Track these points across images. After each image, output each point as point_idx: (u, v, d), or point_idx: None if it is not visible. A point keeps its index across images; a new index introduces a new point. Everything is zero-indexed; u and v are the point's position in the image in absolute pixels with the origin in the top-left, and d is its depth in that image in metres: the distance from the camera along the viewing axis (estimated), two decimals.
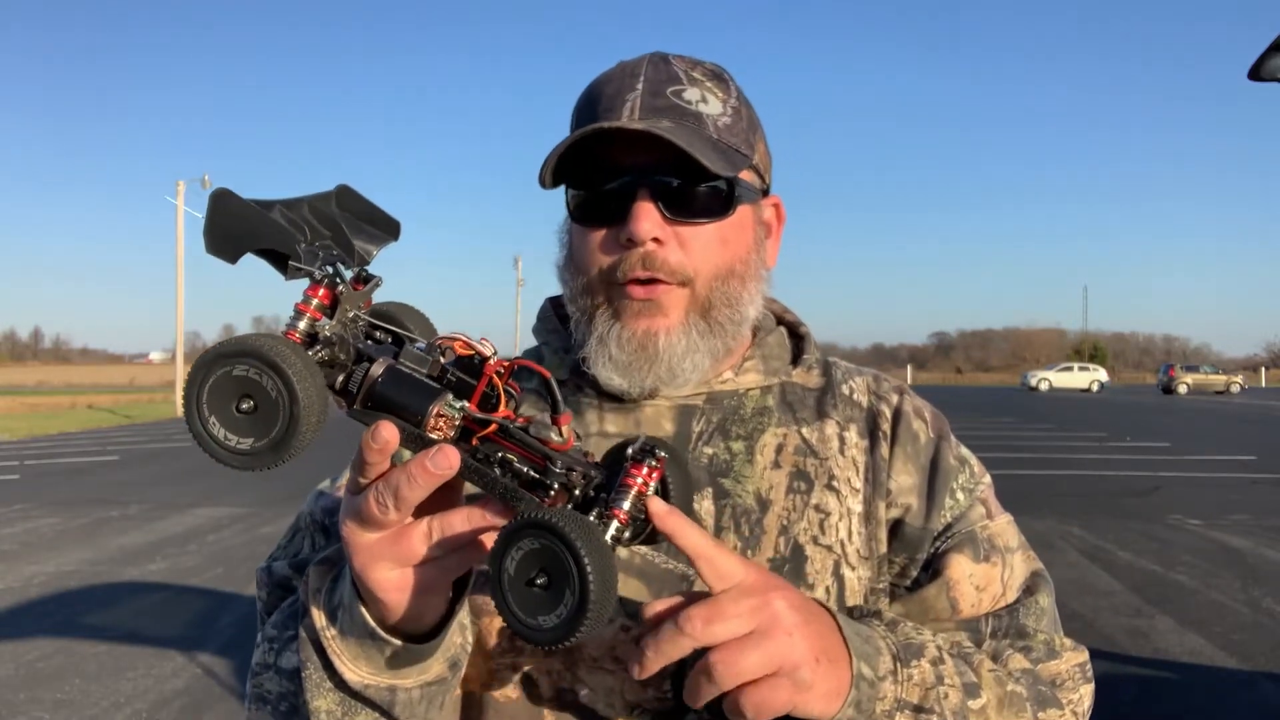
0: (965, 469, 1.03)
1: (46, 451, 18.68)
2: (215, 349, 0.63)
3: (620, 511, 0.68)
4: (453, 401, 0.68)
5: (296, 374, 0.61)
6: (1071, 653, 0.95)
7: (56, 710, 4.80)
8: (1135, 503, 10.96)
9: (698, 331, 0.95)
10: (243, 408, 0.62)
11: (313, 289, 0.68)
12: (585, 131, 0.91)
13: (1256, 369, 75.11)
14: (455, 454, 0.66)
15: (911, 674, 0.80)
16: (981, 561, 0.97)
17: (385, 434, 0.66)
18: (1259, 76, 2.01)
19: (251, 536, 9.15)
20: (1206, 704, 4.78)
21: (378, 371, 0.68)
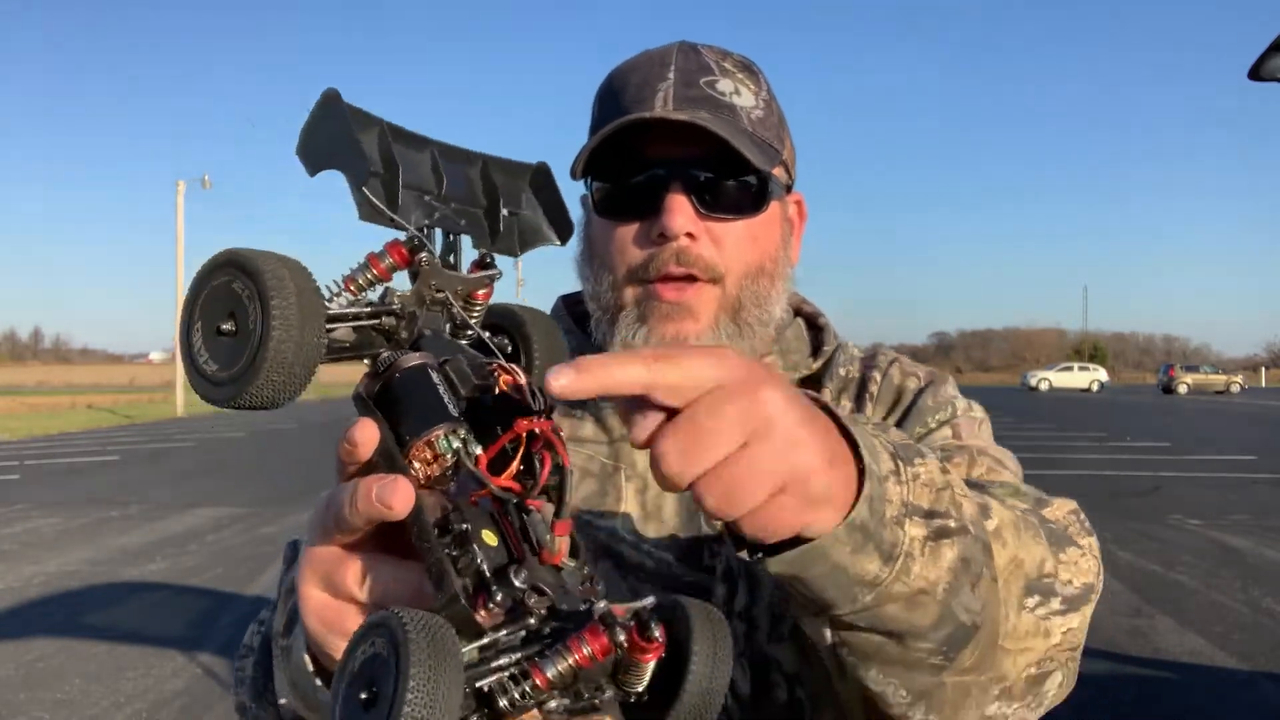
0: (945, 409, 0.96)
1: (46, 451, 18.67)
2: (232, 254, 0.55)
3: (540, 674, 0.50)
4: (455, 437, 0.55)
5: (282, 319, 0.51)
6: (1061, 501, 0.83)
7: (56, 710, 4.80)
8: (1135, 503, 10.96)
9: (727, 335, 0.92)
10: (224, 328, 0.54)
11: (392, 246, 0.59)
12: (625, 122, 0.88)
13: (1256, 369, 75.16)
14: (405, 495, 0.53)
15: (917, 472, 0.64)
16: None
17: (359, 435, 0.55)
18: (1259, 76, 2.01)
19: (251, 536, 9.14)
20: (1206, 704, 4.78)
21: (405, 365, 0.57)
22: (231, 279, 0.54)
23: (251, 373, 0.52)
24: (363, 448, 0.56)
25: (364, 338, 0.59)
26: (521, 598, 0.51)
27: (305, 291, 0.53)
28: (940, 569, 0.63)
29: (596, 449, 0.98)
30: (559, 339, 0.66)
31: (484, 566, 0.51)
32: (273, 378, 0.52)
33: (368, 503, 0.53)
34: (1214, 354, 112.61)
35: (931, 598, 0.64)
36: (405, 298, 0.60)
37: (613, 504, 0.95)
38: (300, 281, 0.53)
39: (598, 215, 0.96)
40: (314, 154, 0.61)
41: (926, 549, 0.63)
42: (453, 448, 0.55)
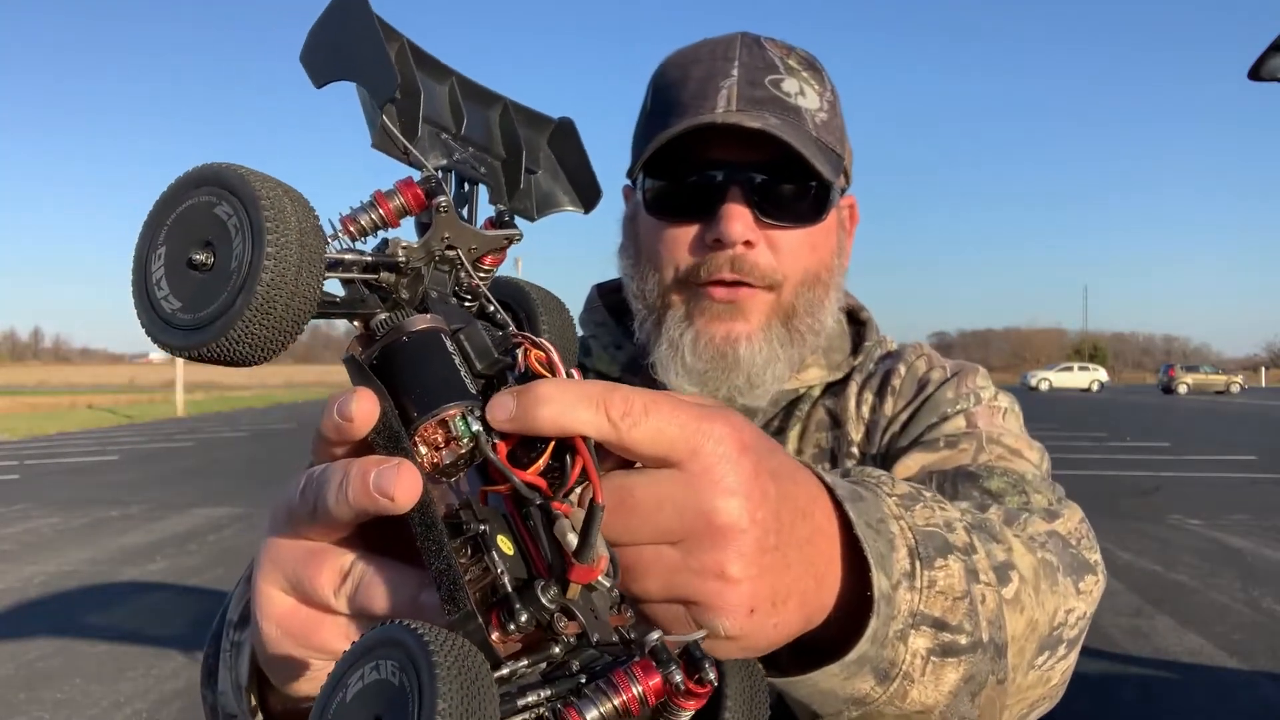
0: (967, 399, 0.91)
1: (46, 451, 18.66)
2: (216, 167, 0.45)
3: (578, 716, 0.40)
4: (474, 419, 0.45)
5: (278, 253, 0.41)
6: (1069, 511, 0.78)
7: (56, 710, 4.80)
8: (1135, 503, 10.95)
9: (779, 340, 0.89)
10: (197, 258, 0.43)
11: (405, 184, 0.49)
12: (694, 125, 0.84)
13: (1256, 369, 75.06)
14: (414, 482, 0.43)
15: (934, 578, 0.56)
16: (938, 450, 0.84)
17: (356, 407, 0.45)
18: (1259, 76, 2.01)
19: (252, 536, 9.13)
20: (1206, 704, 4.77)
21: (414, 328, 0.47)
22: (216, 200, 0.44)
23: (228, 319, 0.42)
24: (359, 423, 0.45)
25: (356, 294, 0.49)
26: (549, 620, 0.42)
27: (307, 231, 0.43)
28: (940, 692, 0.57)
29: None
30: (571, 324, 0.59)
31: (504, 579, 0.42)
32: (254, 330, 0.42)
33: (362, 491, 0.43)
34: (1214, 354, 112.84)
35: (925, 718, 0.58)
36: (411, 250, 0.49)
37: None
38: (302, 218, 0.43)
39: (648, 213, 0.92)
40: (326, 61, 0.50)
41: (929, 668, 0.56)
42: (471, 430, 0.45)
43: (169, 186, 0.46)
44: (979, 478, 0.80)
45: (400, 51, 0.52)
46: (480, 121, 0.55)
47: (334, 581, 0.47)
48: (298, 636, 0.49)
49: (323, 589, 0.47)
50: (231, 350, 0.42)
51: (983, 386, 0.94)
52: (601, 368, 1.00)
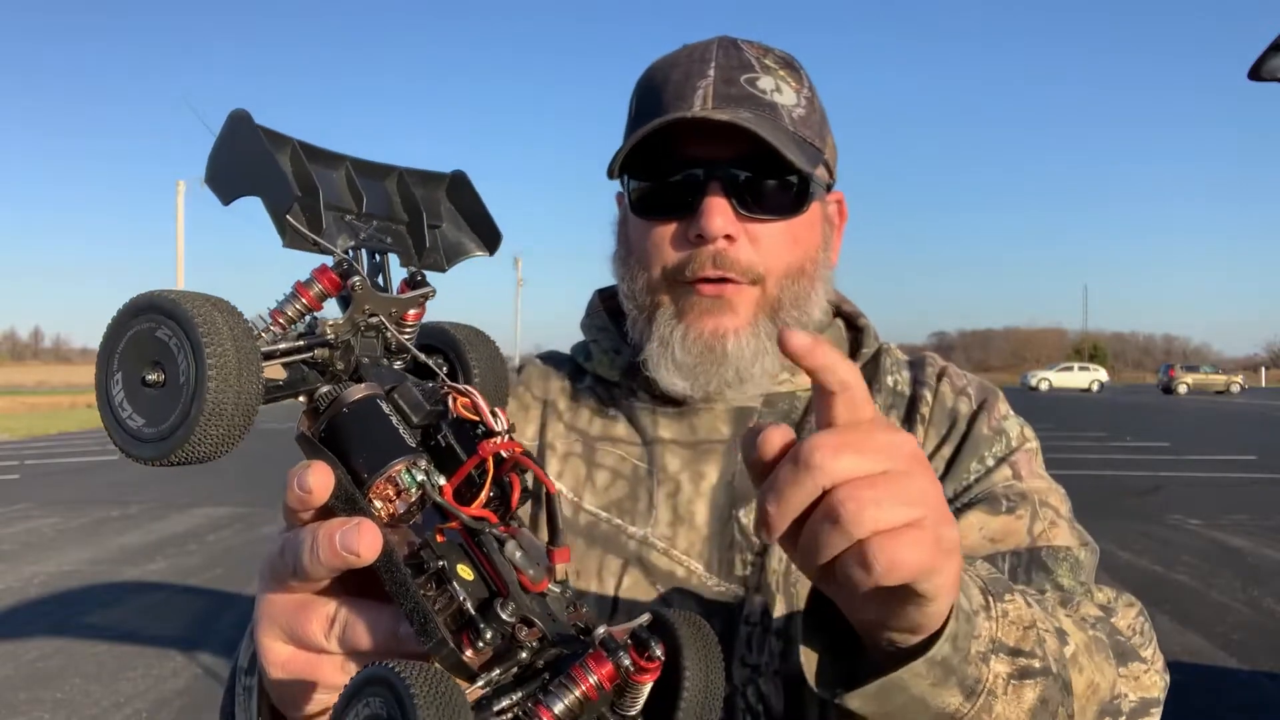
0: (1001, 439, 0.93)
1: (46, 451, 18.68)
2: (150, 296, 0.50)
3: (547, 712, 0.46)
4: (417, 470, 0.51)
5: (218, 368, 0.47)
6: (1124, 605, 0.82)
7: (56, 710, 4.80)
8: (1135, 503, 10.96)
9: (766, 333, 0.91)
10: (149, 378, 0.49)
11: (320, 272, 0.54)
12: (664, 122, 0.86)
13: (1256, 369, 75.14)
14: (374, 537, 0.49)
15: (1006, 609, 0.64)
16: (1001, 514, 0.87)
17: (312, 480, 0.51)
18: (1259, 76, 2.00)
19: (251, 536, 9.14)
20: (1206, 704, 4.78)
21: (352, 398, 0.53)
22: (155, 325, 0.49)
23: (187, 427, 0.47)
24: (318, 493, 0.51)
25: (297, 374, 0.55)
26: (511, 632, 0.48)
27: (239, 335, 0.49)
28: (1021, 710, 0.64)
29: (628, 449, 0.96)
30: (498, 354, 0.63)
31: (467, 604, 0.48)
32: (211, 431, 0.47)
33: (331, 551, 0.49)
34: (1214, 354, 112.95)
35: None
36: (338, 326, 0.55)
37: (644, 508, 0.93)
38: (233, 325, 0.49)
39: (634, 214, 0.94)
40: (227, 181, 0.55)
41: (1010, 688, 0.63)
42: (416, 481, 0.51)
43: (112, 320, 0.51)
44: (1050, 571, 0.84)
45: (293, 154, 0.56)
46: (379, 194, 0.60)
47: (323, 627, 0.53)
48: (301, 677, 0.55)
49: (314, 635, 0.54)
50: (196, 452, 0.48)
51: (1006, 416, 0.96)
52: (601, 372, 1.01)
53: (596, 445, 0.98)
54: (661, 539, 0.91)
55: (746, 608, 0.88)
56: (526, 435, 1.00)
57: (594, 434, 0.98)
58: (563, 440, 0.99)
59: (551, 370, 1.05)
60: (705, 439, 0.95)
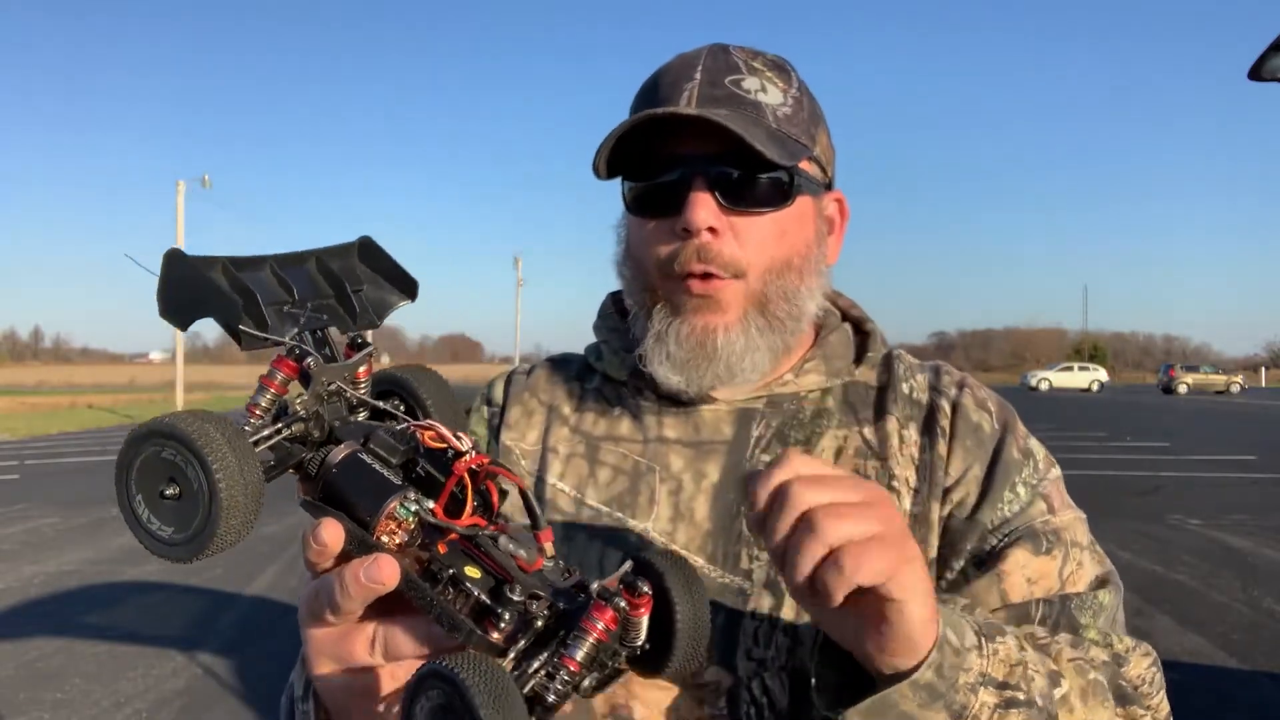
0: (1030, 463, 0.96)
1: (46, 451, 18.68)
2: (150, 424, 0.58)
3: (571, 661, 0.57)
4: (409, 502, 0.60)
5: (223, 470, 0.55)
6: (1139, 656, 0.88)
7: (56, 710, 4.80)
8: (1135, 503, 10.96)
9: (756, 328, 0.93)
10: (167, 493, 0.57)
11: (278, 361, 0.63)
12: (639, 118, 0.89)
13: (1256, 369, 75.06)
14: (392, 568, 0.58)
15: (997, 649, 0.74)
16: (1041, 555, 0.91)
17: (325, 536, 0.60)
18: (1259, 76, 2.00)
19: (252, 536, 8.98)
20: (1206, 704, 4.78)
21: (335, 459, 0.62)
22: (160, 448, 0.57)
23: (212, 526, 0.56)
24: (332, 545, 0.60)
25: (283, 452, 0.63)
26: (524, 608, 0.58)
27: (232, 437, 0.57)
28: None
29: (630, 447, 0.98)
30: (443, 385, 0.70)
31: (481, 596, 0.58)
32: (232, 523, 0.56)
33: (359, 586, 0.58)
34: (1214, 354, 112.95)
35: None
36: (306, 403, 0.63)
37: (645, 504, 0.95)
38: (225, 430, 0.56)
39: (630, 214, 0.98)
40: (179, 310, 0.64)
41: (995, 715, 0.73)
42: (411, 511, 0.60)
43: (120, 450, 0.59)
44: (1079, 625, 0.89)
45: (224, 269, 0.65)
46: (303, 279, 0.68)
47: (366, 648, 0.63)
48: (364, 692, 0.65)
49: (360, 656, 0.63)
50: (223, 542, 0.56)
51: (1028, 437, 0.99)
52: (610, 372, 1.04)
53: (600, 445, 1.00)
54: (662, 534, 0.93)
55: (753, 602, 0.89)
56: (529, 440, 1.02)
57: (598, 434, 1.00)
58: (566, 443, 1.01)
59: (559, 373, 1.08)
60: (708, 439, 0.97)
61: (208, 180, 36.06)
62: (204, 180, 35.93)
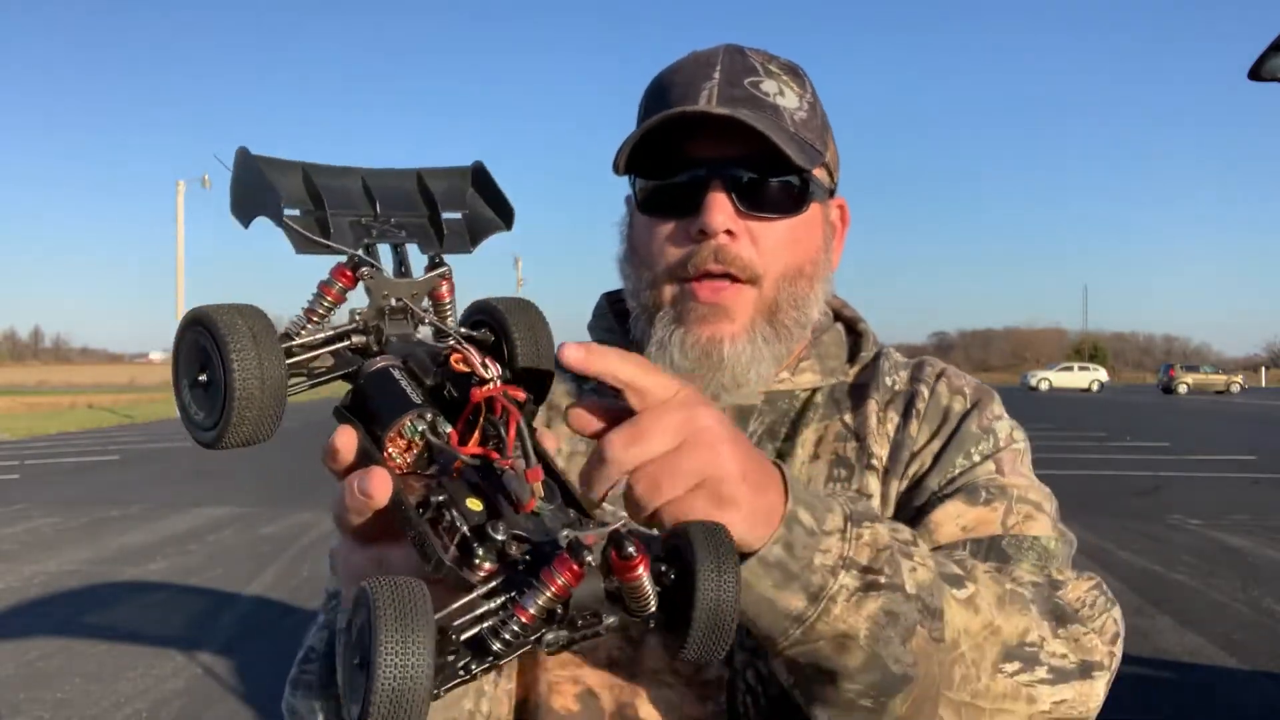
0: (989, 437, 0.96)
1: (46, 451, 18.68)
2: (193, 311, 0.59)
3: (523, 612, 0.53)
4: (419, 421, 0.60)
5: (240, 360, 0.55)
6: (1077, 581, 0.85)
7: (56, 710, 4.81)
8: (1135, 503, 10.97)
9: (763, 338, 0.92)
10: (199, 379, 0.58)
11: (336, 270, 0.62)
12: (668, 115, 0.88)
13: (1256, 369, 75.15)
14: (382, 483, 0.57)
15: (862, 533, 0.71)
16: (979, 505, 0.89)
17: (337, 442, 0.61)
18: (1259, 76, 2.00)
19: (252, 536, 9.15)
20: (1206, 704, 4.78)
21: (368, 370, 0.63)
22: (197, 335, 0.58)
23: (227, 416, 0.56)
24: (343, 452, 0.61)
25: (342, 359, 0.64)
26: (502, 548, 0.55)
27: (260, 331, 0.56)
28: (860, 616, 0.70)
29: None
30: (539, 324, 0.68)
31: (464, 528, 0.55)
32: (247, 414, 0.56)
33: (353, 496, 0.58)
34: (1214, 354, 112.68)
35: (855, 642, 0.70)
36: (365, 313, 0.64)
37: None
38: (253, 323, 0.56)
39: (640, 213, 0.97)
40: (242, 208, 0.64)
41: (854, 598, 0.70)
42: (419, 430, 0.60)
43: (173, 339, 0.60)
44: (1009, 558, 0.87)
45: (303, 174, 0.64)
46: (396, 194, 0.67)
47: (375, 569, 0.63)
48: None
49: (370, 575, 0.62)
50: (241, 433, 0.56)
51: (998, 417, 0.98)
52: None
53: None
54: None
55: None
56: None
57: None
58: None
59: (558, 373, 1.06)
60: None
61: (208, 180, 36.04)
62: (204, 180, 35.93)
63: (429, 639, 0.48)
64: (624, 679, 0.88)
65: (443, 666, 0.52)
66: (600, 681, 0.89)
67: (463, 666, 0.53)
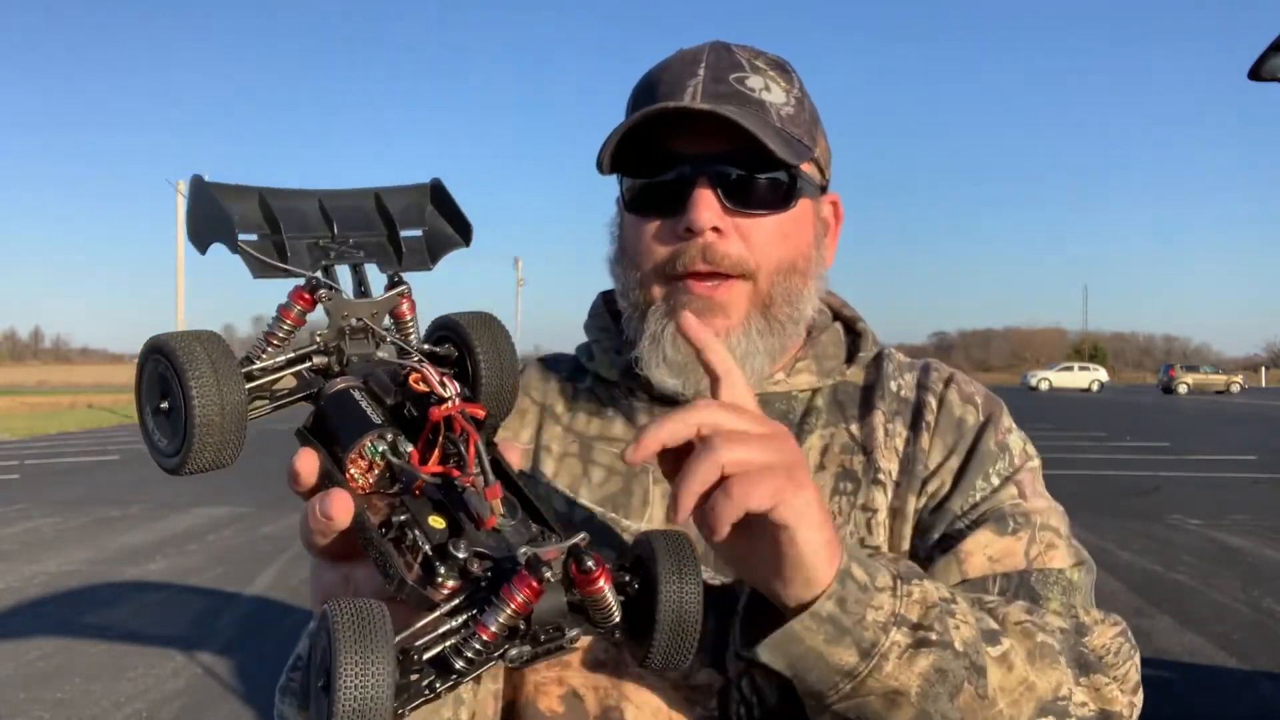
0: (1005, 455, 0.96)
1: (46, 451, 18.68)
2: (153, 340, 0.60)
3: (485, 629, 0.54)
4: (379, 441, 0.60)
5: (199, 387, 0.55)
6: (1105, 626, 0.86)
7: (56, 710, 4.80)
8: (1135, 503, 10.96)
9: (757, 331, 0.92)
10: (161, 406, 0.59)
11: (295, 293, 0.63)
12: (649, 111, 0.88)
13: (1256, 369, 75.07)
14: (344, 503, 0.57)
15: (911, 590, 0.74)
16: (1006, 535, 0.90)
17: (298, 465, 0.61)
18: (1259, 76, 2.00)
19: (252, 536, 9.15)
20: (1206, 704, 4.78)
21: (328, 391, 0.63)
22: (157, 363, 0.58)
23: (189, 441, 0.56)
24: (304, 475, 0.61)
25: (304, 380, 0.65)
26: (464, 565, 0.55)
27: (218, 357, 0.57)
28: (912, 674, 0.72)
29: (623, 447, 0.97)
30: (501, 335, 0.68)
31: (426, 547, 0.56)
32: (208, 440, 0.56)
33: (315, 518, 0.59)
34: (1214, 354, 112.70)
35: (906, 699, 0.72)
36: (325, 335, 0.64)
37: (638, 504, 0.94)
38: (211, 350, 0.57)
39: (627, 212, 0.96)
40: (199, 235, 0.64)
41: (905, 655, 0.72)
42: (379, 451, 0.60)
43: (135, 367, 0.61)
44: (1039, 596, 0.88)
45: (260, 199, 0.64)
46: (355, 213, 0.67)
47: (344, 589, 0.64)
48: None
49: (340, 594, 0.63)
50: (203, 459, 0.57)
51: (1010, 430, 0.98)
52: (602, 372, 1.02)
53: (594, 445, 0.99)
54: None
55: (743, 601, 0.88)
56: (523, 439, 1.01)
57: (591, 434, 0.99)
58: (559, 442, 1.00)
59: (551, 373, 1.06)
60: None
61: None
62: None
63: (389, 660, 0.49)
64: (610, 681, 0.88)
65: (405, 686, 0.53)
66: (586, 683, 0.88)
67: (426, 685, 0.54)
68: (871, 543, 0.91)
